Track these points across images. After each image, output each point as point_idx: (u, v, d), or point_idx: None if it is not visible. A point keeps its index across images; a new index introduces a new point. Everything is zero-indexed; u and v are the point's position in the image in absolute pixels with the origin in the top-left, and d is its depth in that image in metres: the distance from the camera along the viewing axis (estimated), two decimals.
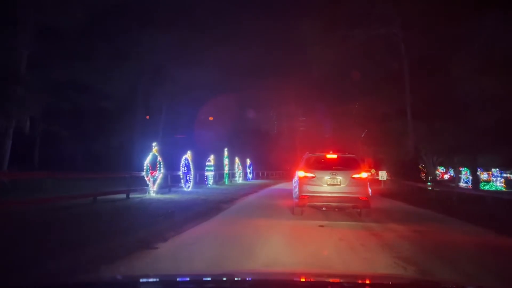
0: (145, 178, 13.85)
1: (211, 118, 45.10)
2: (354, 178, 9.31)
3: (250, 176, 33.24)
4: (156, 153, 14.31)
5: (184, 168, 17.75)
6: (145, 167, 13.80)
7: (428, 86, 23.84)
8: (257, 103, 53.66)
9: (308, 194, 9.31)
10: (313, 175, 9.42)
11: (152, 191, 14.08)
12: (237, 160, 29.25)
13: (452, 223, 9.68)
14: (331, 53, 26.49)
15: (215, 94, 38.70)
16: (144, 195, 13.73)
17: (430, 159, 29.92)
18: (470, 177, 37.34)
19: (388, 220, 9.54)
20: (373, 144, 33.88)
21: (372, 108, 30.50)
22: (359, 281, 2.91)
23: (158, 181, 14.34)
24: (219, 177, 25.14)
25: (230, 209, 11.30)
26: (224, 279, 2.84)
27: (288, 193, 13.92)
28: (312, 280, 2.83)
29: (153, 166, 14.07)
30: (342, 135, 36.35)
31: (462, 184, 37.55)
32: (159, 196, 13.92)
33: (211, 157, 22.31)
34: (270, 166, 44.65)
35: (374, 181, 29.19)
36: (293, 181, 10.75)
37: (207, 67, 34.60)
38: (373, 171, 43.91)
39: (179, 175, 17.49)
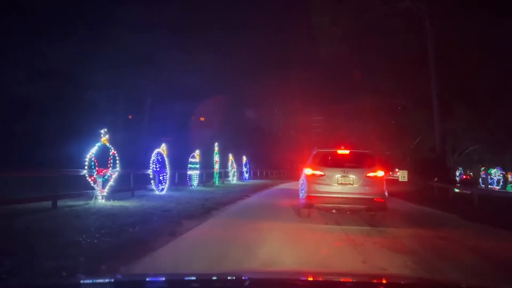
0: (88, 178, 9.86)
1: (202, 119, 41.34)
2: (368, 177, 8.36)
3: (246, 175, 29.29)
4: (107, 144, 10.38)
5: (156, 165, 13.85)
6: (86, 163, 9.78)
7: (457, 71, 19.84)
8: (256, 99, 49.89)
9: (316, 195, 8.34)
10: (322, 173, 8.49)
11: (101, 196, 10.16)
12: (230, 157, 25.32)
13: None
14: (341, 38, 22.67)
15: (212, 92, 35.24)
16: (88, 202, 9.79)
17: (451, 158, 26.08)
18: (495, 178, 33.51)
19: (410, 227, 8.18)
20: (384, 140, 30.07)
21: (388, 100, 26.69)
22: (375, 281, 2.77)
23: (111, 182, 10.41)
24: (207, 176, 21.26)
25: (194, 232, 7.06)
26: (214, 278, 2.67)
27: (293, 194, 11.82)
28: (320, 279, 2.71)
29: (102, 162, 10.15)
30: (353, 131, 32.23)
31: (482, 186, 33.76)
32: (110, 203, 9.98)
33: (196, 153, 18.41)
34: (270, 165, 40.83)
35: (391, 181, 25.27)
36: (300, 179, 9.74)
37: (205, 62, 31.05)
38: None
39: (149, 174, 13.61)
